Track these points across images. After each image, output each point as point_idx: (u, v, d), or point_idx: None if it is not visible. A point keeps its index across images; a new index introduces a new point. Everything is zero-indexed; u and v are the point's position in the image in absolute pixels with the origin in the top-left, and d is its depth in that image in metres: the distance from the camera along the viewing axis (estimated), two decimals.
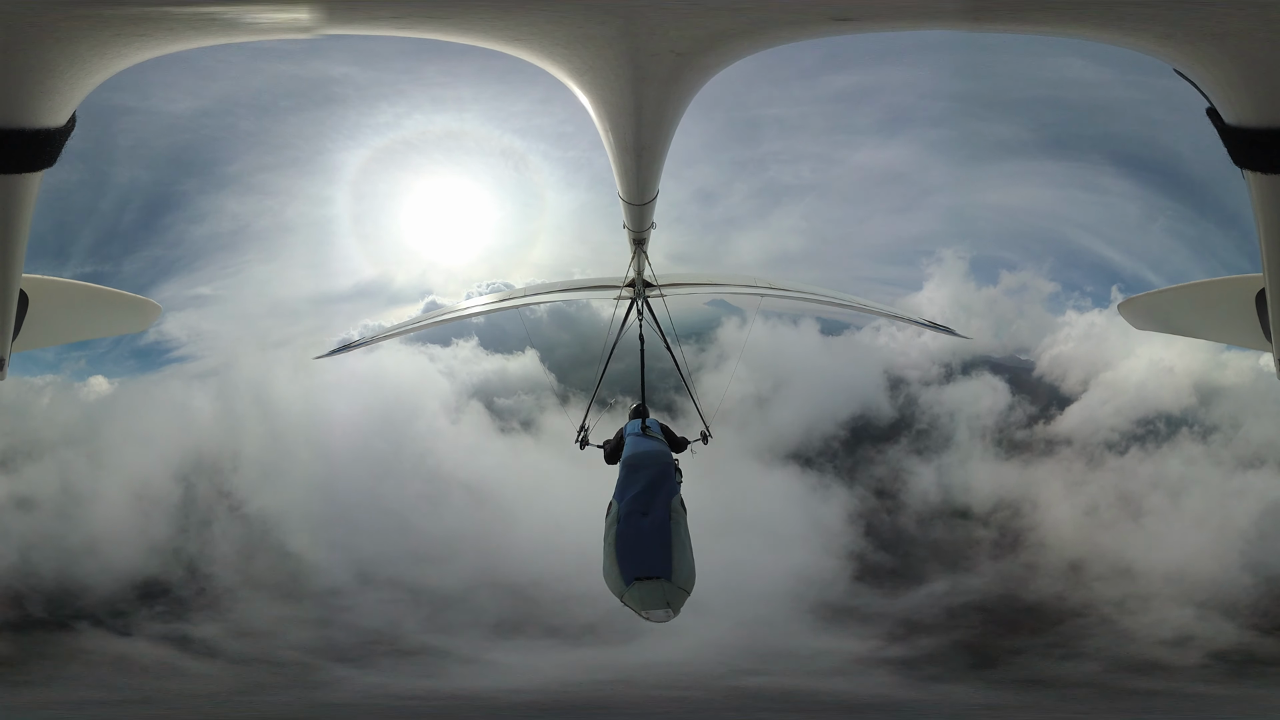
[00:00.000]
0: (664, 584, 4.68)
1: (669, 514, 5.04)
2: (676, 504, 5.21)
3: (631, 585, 4.68)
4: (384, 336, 10.96)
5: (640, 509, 5.07)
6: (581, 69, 2.66)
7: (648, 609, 4.68)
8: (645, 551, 4.80)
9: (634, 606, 4.71)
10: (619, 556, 4.80)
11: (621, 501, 5.17)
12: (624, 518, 5.02)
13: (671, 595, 4.69)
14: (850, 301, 8.59)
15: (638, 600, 4.68)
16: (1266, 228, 2.56)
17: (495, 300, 10.10)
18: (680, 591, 4.72)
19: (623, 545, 4.85)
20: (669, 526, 4.95)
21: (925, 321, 8.79)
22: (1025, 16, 2.28)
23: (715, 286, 9.13)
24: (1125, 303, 4.63)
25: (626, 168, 3.91)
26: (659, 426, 6.72)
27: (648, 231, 6.09)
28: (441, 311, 13.75)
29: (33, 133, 2.21)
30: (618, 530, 4.95)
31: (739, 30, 2.43)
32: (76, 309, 4.34)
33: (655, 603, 4.67)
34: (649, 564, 4.73)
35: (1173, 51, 2.16)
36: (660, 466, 5.54)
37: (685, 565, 4.83)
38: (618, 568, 4.76)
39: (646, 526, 4.94)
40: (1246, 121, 2.22)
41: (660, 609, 4.67)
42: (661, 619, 4.69)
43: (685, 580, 4.77)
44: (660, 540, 4.86)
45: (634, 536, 4.89)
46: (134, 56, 2.20)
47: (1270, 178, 2.37)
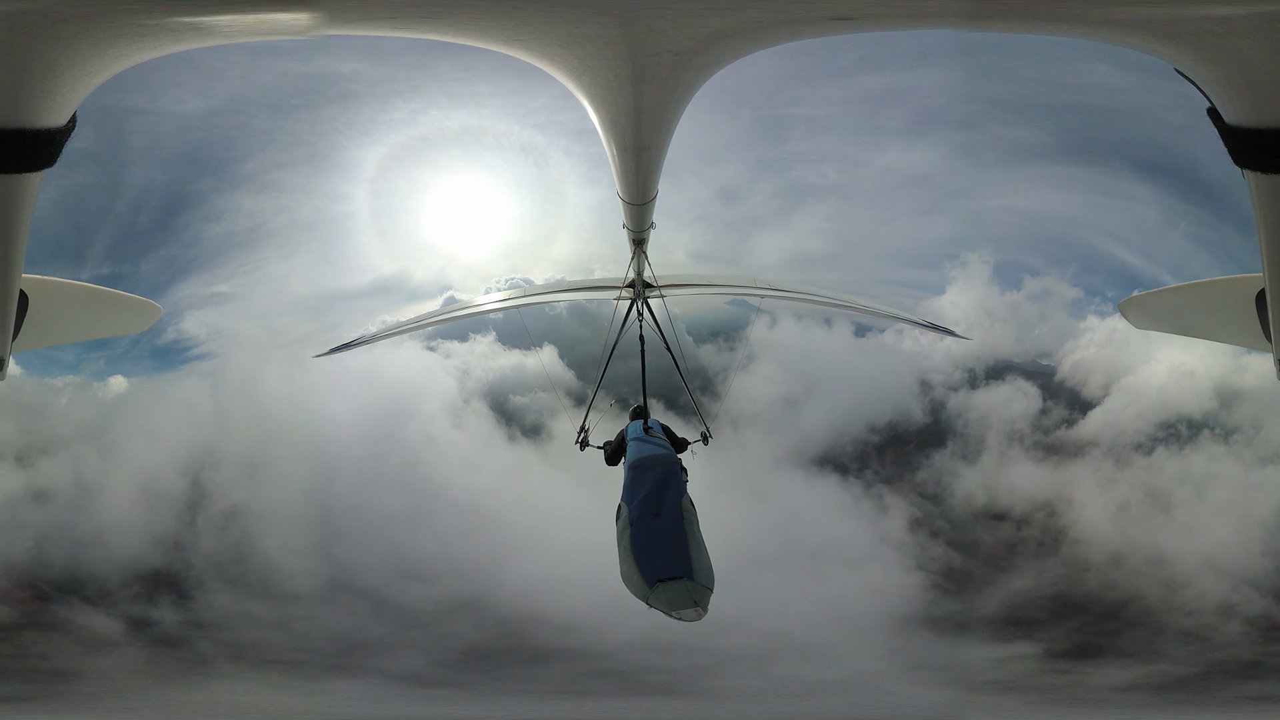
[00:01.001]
0: (688, 584, 4.65)
1: (680, 514, 5.06)
2: (686, 504, 5.23)
3: (655, 587, 4.65)
4: (382, 336, 10.93)
5: (651, 510, 5.08)
6: (580, 69, 2.66)
7: (677, 609, 4.63)
8: (663, 552, 4.79)
9: (662, 608, 4.66)
10: (637, 559, 4.79)
11: (631, 504, 5.18)
12: (636, 520, 5.03)
13: (698, 594, 4.66)
14: (849, 302, 8.59)
15: (665, 602, 4.64)
16: (1266, 228, 2.56)
17: (495, 301, 10.09)
18: (705, 590, 4.70)
19: (639, 547, 4.84)
20: (683, 526, 4.96)
21: (925, 323, 8.80)
22: (1025, 16, 2.28)
23: (714, 287, 9.14)
24: (1126, 301, 4.63)
25: (626, 168, 3.91)
26: (660, 427, 6.74)
27: (647, 231, 6.09)
28: (437, 312, 13.70)
29: (33, 133, 2.21)
30: (632, 533, 4.95)
31: (737, 30, 2.43)
32: (76, 309, 4.36)
33: (684, 602, 4.62)
34: (670, 565, 4.72)
35: (1174, 51, 2.16)
36: (666, 467, 5.56)
37: (704, 563, 4.82)
38: (638, 571, 4.74)
39: (661, 528, 4.95)
40: (1247, 121, 2.22)
41: (690, 608, 4.63)
42: (693, 618, 4.65)
43: (707, 578, 4.76)
44: (677, 540, 4.86)
45: (649, 538, 4.89)
46: (134, 57, 2.20)
47: (1270, 178, 2.37)
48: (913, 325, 9.99)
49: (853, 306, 8.64)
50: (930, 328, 8.90)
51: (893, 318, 8.93)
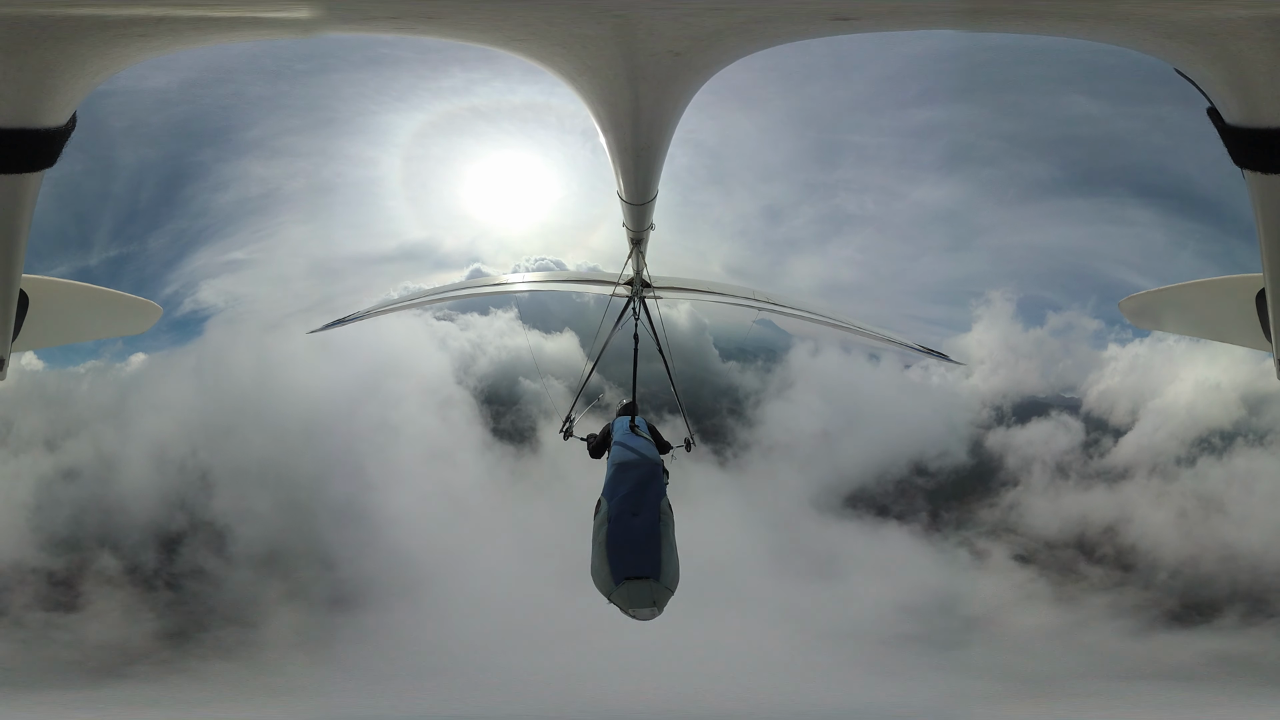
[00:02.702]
0: (652, 584, 4.75)
1: (658, 515, 5.12)
2: (664, 505, 5.28)
3: (621, 584, 4.74)
4: (379, 311, 10.88)
5: (630, 509, 5.13)
6: (580, 70, 2.66)
7: (634, 607, 4.74)
8: (636, 551, 4.87)
9: (621, 605, 4.77)
10: (609, 555, 4.86)
11: (611, 501, 5.23)
12: (614, 517, 5.08)
13: (658, 594, 4.76)
14: (845, 323, 8.56)
15: (625, 599, 4.74)
16: (1266, 228, 2.56)
17: (492, 284, 10.06)
18: (666, 591, 4.81)
19: (613, 544, 4.91)
20: (658, 528, 5.02)
21: (918, 346, 8.77)
22: (1025, 16, 2.28)
23: (710, 295, 9.13)
24: (1126, 300, 4.63)
25: (625, 168, 3.91)
26: (647, 426, 6.79)
27: (646, 232, 6.09)
28: (435, 290, 13.59)
29: (33, 132, 2.21)
30: (608, 530, 5.01)
31: (736, 30, 2.43)
32: (77, 309, 4.36)
33: (642, 601, 4.73)
34: (639, 564, 4.80)
35: (1173, 51, 2.16)
36: (650, 467, 5.60)
37: (672, 565, 4.92)
38: (608, 566, 4.82)
39: (637, 527, 5.01)
40: (1246, 121, 2.22)
41: (646, 608, 4.74)
42: (646, 617, 4.76)
43: (671, 580, 4.86)
44: (650, 541, 4.93)
45: (624, 536, 4.95)
46: (135, 56, 2.21)
47: (1270, 178, 2.37)
48: (905, 349, 9.94)
49: (847, 327, 8.62)
50: (925, 352, 8.87)
51: (887, 340, 8.89)
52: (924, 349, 8.75)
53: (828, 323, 8.45)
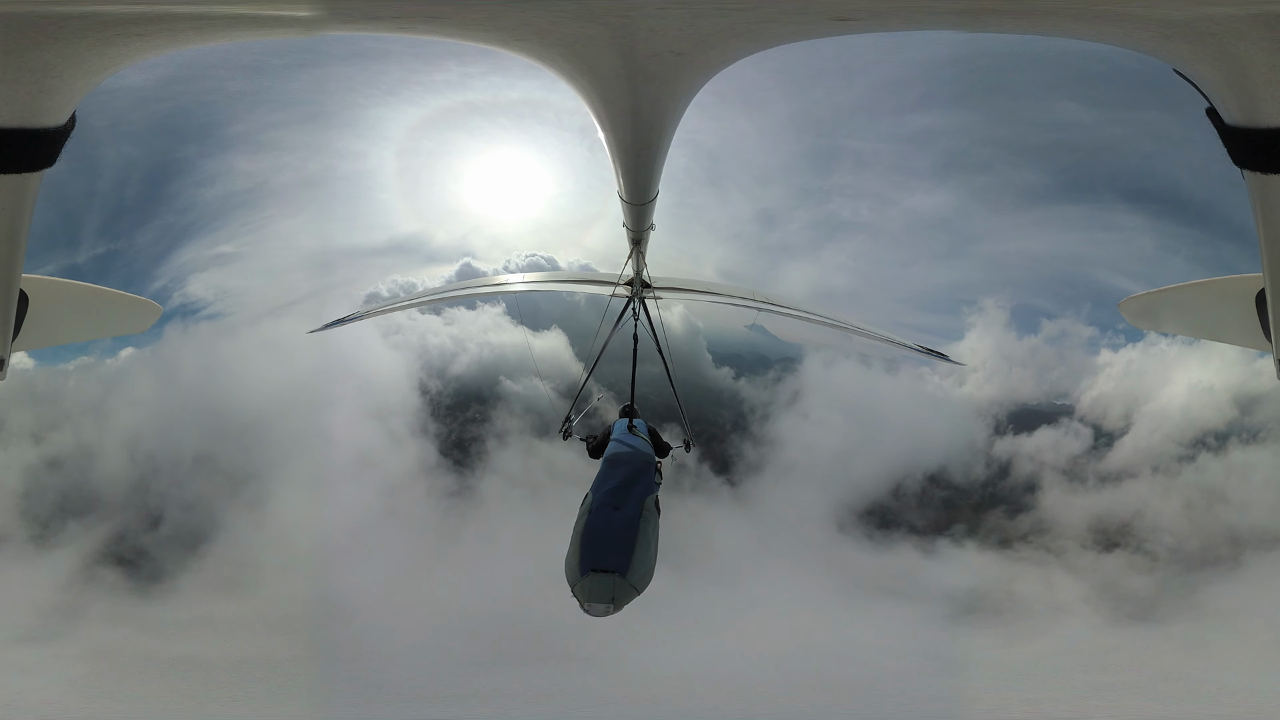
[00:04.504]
0: (615, 579, 4.67)
1: (640, 511, 5.09)
2: (650, 503, 5.26)
3: (585, 576, 4.69)
4: (379, 311, 11.00)
5: (613, 503, 5.13)
6: (581, 69, 2.66)
7: (590, 602, 4.64)
8: (608, 545, 4.83)
9: (580, 598, 4.70)
10: (582, 546, 4.84)
11: (597, 494, 5.25)
12: (595, 509, 5.09)
13: (620, 591, 4.67)
14: (844, 323, 8.59)
15: (585, 592, 4.66)
16: (1266, 227, 2.56)
17: (487, 283, 10.10)
18: (630, 589, 4.72)
19: (588, 536, 4.89)
20: (637, 523, 4.99)
21: (918, 347, 8.79)
22: (1025, 16, 2.28)
23: (710, 295, 9.16)
24: (1126, 301, 4.64)
25: (626, 167, 3.91)
26: (646, 428, 6.82)
27: (646, 232, 6.09)
28: (431, 291, 13.72)
29: (33, 132, 2.21)
30: (587, 521, 5.01)
31: (737, 30, 2.43)
32: (76, 309, 4.36)
33: (600, 596, 4.63)
34: (608, 557, 4.75)
35: (1173, 51, 2.16)
36: (639, 464, 5.61)
37: (643, 564, 4.84)
38: (578, 557, 4.79)
39: (615, 520, 4.99)
40: (1246, 121, 2.22)
41: (604, 603, 4.63)
42: (600, 613, 4.65)
43: (639, 579, 4.78)
44: (625, 536, 4.89)
45: (601, 528, 4.94)
46: (134, 56, 2.20)
47: (1269, 178, 2.37)
48: (905, 349, 9.95)
49: (846, 327, 8.66)
50: (925, 352, 8.89)
51: (886, 340, 8.91)
52: (924, 349, 8.76)
53: (828, 323, 8.48)
